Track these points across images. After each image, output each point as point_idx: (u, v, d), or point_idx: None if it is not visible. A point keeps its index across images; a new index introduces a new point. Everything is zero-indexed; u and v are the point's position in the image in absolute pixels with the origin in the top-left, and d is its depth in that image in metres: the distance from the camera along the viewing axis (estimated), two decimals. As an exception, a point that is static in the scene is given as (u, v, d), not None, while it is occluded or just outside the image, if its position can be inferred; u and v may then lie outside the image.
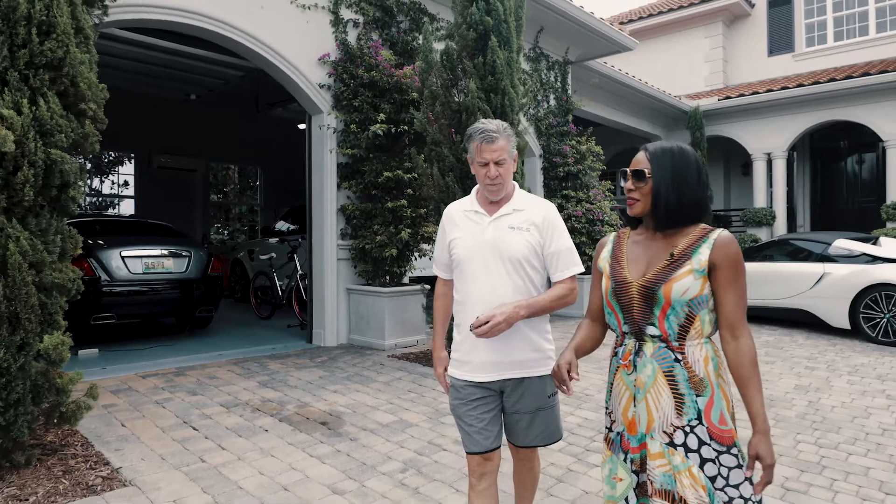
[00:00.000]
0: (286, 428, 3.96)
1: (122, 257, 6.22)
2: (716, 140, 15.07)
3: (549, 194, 9.40)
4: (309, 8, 6.32)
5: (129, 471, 3.22)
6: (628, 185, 1.77)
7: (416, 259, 6.62)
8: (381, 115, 6.06)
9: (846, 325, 7.32)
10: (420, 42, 7.04)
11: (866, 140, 13.75)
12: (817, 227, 14.98)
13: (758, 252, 8.83)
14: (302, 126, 12.05)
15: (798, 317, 7.94)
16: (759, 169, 14.29)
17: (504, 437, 2.25)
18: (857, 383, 5.39)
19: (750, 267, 8.48)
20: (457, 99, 5.70)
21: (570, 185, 9.41)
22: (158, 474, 3.20)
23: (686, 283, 1.66)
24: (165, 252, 6.58)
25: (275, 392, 4.76)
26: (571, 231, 9.06)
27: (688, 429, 1.65)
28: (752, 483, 1.64)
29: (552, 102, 9.68)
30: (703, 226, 1.75)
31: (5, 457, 3.00)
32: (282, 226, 10.36)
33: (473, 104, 5.37)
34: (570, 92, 10.02)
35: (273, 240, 9.52)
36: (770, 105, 13.74)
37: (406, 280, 6.73)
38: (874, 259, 7.35)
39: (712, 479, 1.63)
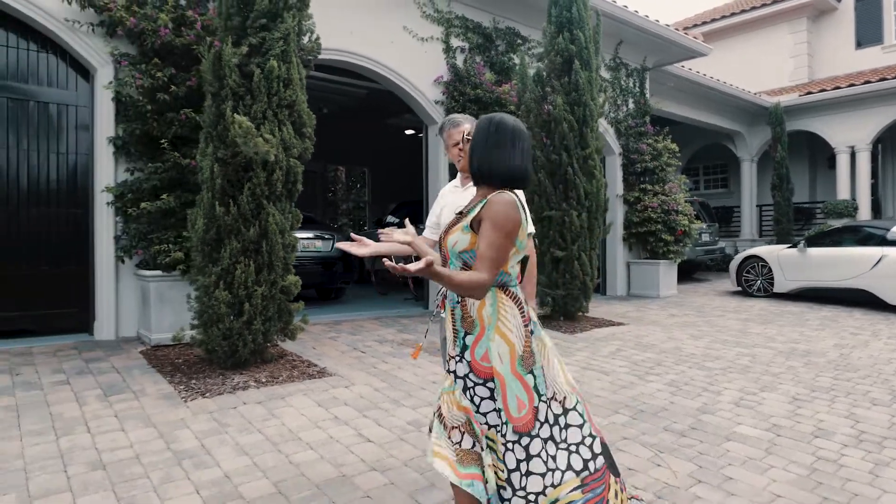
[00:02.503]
0: (425, 354, 5.53)
1: (286, 239, 8.06)
2: (799, 134, 15.50)
3: (628, 188, 10.57)
4: (426, 40, 7.91)
5: (331, 369, 4.88)
6: (463, 146, 2.14)
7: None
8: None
9: (901, 302, 8.11)
10: (515, 61, 8.49)
11: (956, 131, 13.85)
12: (906, 219, 15.10)
13: (826, 237, 9.62)
14: (409, 132, 13.82)
15: (858, 296, 8.74)
16: (842, 162, 14.65)
17: None
18: (892, 344, 6.32)
19: (817, 251, 9.33)
20: (546, 109, 7.09)
21: (647, 180, 10.54)
22: (350, 373, 4.84)
23: (456, 237, 1.91)
24: (315, 235, 8.39)
25: (410, 336, 6.36)
26: (648, 220, 10.21)
27: (458, 358, 1.94)
28: (499, 414, 1.87)
29: (631, 106, 10.83)
30: (500, 191, 1.91)
31: (260, 354, 4.73)
32: (391, 219, 12.10)
33: (560, 115, 6.75)
34: (647, 95, 11.11)
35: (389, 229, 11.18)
36: (852, 99, 14.09)
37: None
38: (930, 243, 8.08)
39: (473, 402, 1.91)
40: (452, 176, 8.18)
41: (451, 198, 2.78)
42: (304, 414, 3.87)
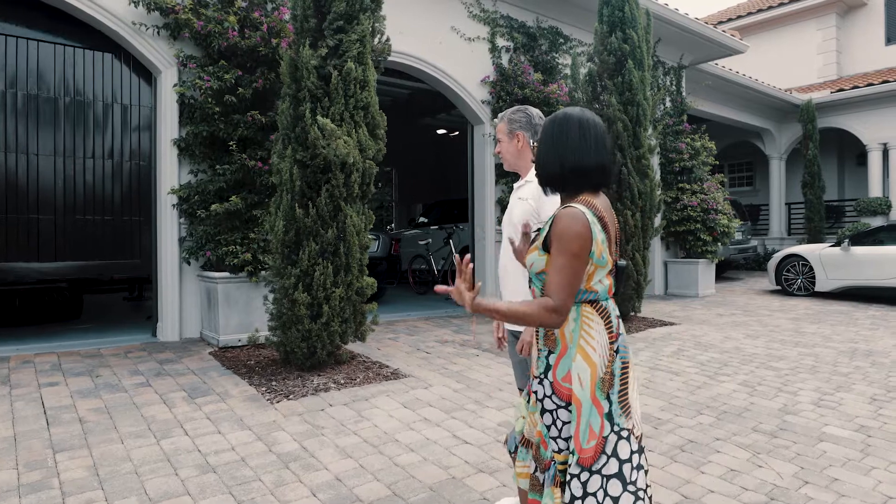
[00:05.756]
0: (490, 355, 5.53)
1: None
2: (828, 132, 15.37)
3: (666, 187, 10.52)
4: (473, 40, 7.90)
5: (403, 370, 4.88)
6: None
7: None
8: (538, 125, 7.53)
9: (953, 300, 8.03)
10: (558, 61, 8.48)
11: None
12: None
13: (867, 237, 9.54)
14: (441, 132, 13.81)
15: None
16: (874, 159, 14.51)
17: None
18: (953, 343, 6.26)
19: (862, 250, 9.25)
20: (597, 107, 7.06)
21: (685, 179, 10.49)
22: (422, 373, 4.84)
23: (532, 258, 1.78)
24: (361, 236, 8.42)
25: (467, 336, 6.37)
26: (687, 219, 10.16)
27: (541, 377, 1.79)
28: (579, 439, 1.69)
29: (668, 104, 10.78)
30: (580, 198, 1.75)
31: (333, 356, 4.74)
32: (423, 219, 12.14)
33: (614, 115, 6.72)
34: (683, 94, 11.06)
35: (433, 227, 11.14)
36: (885, 96, 13.95)
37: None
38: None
39: (548, 427, 1.76)
40: (499, 176, 8.21)
41: (511, 199, 2.60)
42: (392, 416, 3.88)
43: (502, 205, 8.12)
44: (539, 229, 1.84)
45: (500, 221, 8.18)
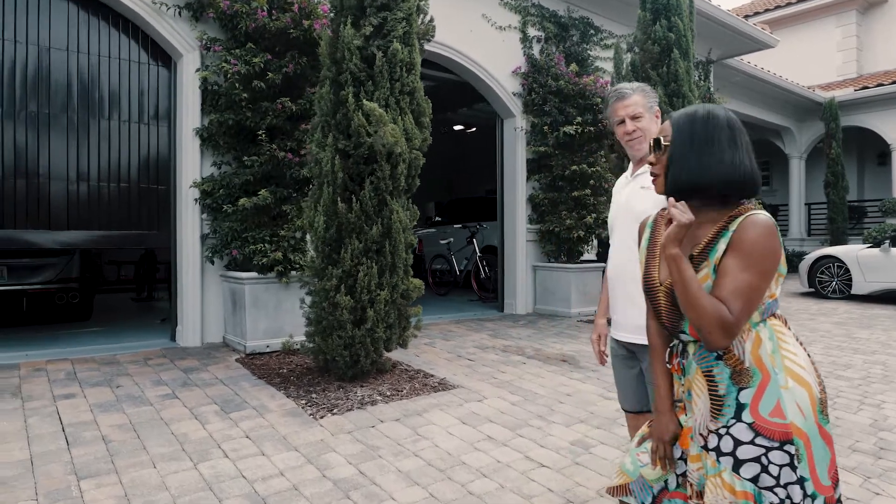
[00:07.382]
0: (536, 362, 5.13)
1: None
2: (849, 131, 14.97)
3: (695, 185, 10.13)
4: (504, 29, 7.51)
5: (451, 380, 4.47)
6: (650, 158, 1.56)
7: (594, 241, 7.67)
8: (578, 117, 7.11)
9: None
10: (589, 53, 8.09)
11: None
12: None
13: (907, 238, 9.19)
14: (458, 127, 13.40)
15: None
16: (898, 159, 14.17)
17: None
18: None
19: (900, 252, 8.88)
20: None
21: (714, 177, 10.10)
22: (472, 383, 4.44)
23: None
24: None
25: (506, 341, 5.96)
26: (718, 219, 9.76)
27: (723, 430, 1.46)
28: (803, 485, 1.40)
29: (697, 100, 10.39)
30: (739, 209, 1.47)
31: (375, 364, 4.33)
32: (438, 219, 11.74)
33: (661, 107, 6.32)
34: (712, 89, 10.66)
35: (455, 226, 10.66)
36: (911, 94, 13.62)
37: (585, 257, 7.78)
38: None
39: (754, 480, 1.41)
40: (531, 172, 7.81)
41: (617, 197, 2.26)
42: (452, 433, 3.48)
43: (533, 202, 7.72)
44: (692, 254, 1.49)
45: (531, 220, 7.79)
